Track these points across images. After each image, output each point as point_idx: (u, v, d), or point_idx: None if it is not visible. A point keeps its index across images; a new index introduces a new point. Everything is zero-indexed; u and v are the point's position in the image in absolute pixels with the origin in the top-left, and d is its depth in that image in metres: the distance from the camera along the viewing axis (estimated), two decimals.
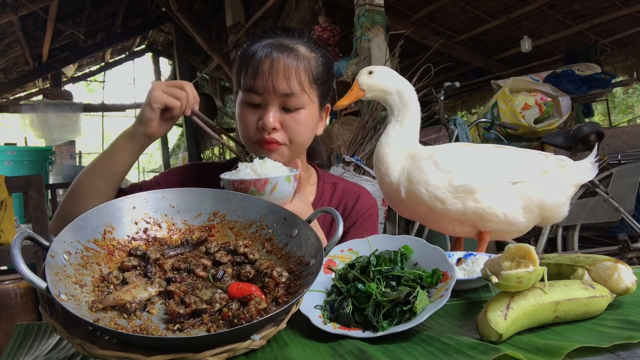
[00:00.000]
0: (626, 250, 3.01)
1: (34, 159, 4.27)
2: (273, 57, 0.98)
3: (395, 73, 1.20)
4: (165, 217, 0.81)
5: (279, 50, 1.00)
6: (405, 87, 1.18)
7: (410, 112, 1.17)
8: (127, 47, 9.02)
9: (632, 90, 10.60)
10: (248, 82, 0.99)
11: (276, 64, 0.98)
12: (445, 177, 1.09)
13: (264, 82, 0.98)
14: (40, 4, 5.31)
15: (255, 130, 1.02)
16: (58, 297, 0.58)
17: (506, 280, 0.63)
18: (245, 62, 1.01)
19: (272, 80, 0.98)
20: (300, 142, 1.06)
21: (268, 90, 0.99)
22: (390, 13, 4.09)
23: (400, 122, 1.17)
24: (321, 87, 1.08)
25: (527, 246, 0.66)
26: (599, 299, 0.67)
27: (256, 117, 1.02)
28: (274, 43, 1.02)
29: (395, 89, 1.17)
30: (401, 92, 1.17)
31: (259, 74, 0.98)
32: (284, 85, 0.99)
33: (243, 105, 1.03)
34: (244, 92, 1.02)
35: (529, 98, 4.03)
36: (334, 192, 1.22)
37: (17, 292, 2.27)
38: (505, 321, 0.60)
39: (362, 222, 1.19)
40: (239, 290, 0.68)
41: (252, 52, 1.01)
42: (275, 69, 0.97)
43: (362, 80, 1.17)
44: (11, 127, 9.97)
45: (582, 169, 1.16)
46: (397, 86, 1.17)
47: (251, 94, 1.00)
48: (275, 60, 0.98)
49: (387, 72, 1.19)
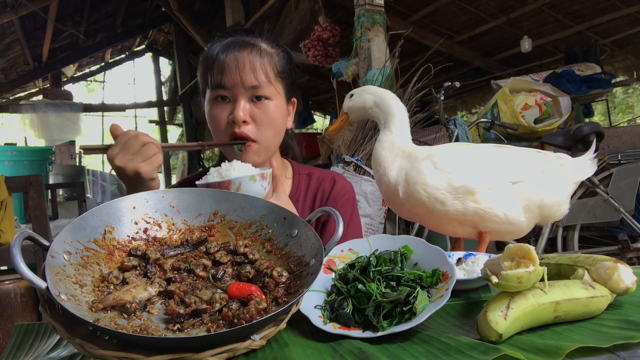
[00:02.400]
0: (626, 250, 3.01)
1: (34, 159, 4.27)
2: (237, 52, 1.01)
3: (372, 88, 1.26)
4: (165, 217, 0.81)
5: (243, 46, 1.02)
6: (382, 96, 1.22)
7: (395, 116, 1.20)
8: (127, 47, 9.02)
9: (632, 90, 10.60)
10: (216, 78, 1.01)
11: (242, 59, 1.00)
12: (444, 178, 1.09)
13: (231, 76, 1.00)
14: (40, 4, 5.31)
15: (226, 125, 1.03)
16: (58, 297, 0.58)
17: (506, 280, 0.63)
18: (210, 61, 1.03)
19: (239, 73, 1.00)
20: (271, 134, 1.07)
21: (236, 83, 1.00)
22: (390, 13, 4.09)
23: (388, 127, 1.21)
24: (285, 80, 1.10)
25: (527, 246, 0.66)
26: (599, 299, 0.67)
27: (226, 112, 1.02)
28: (236, 40, 1.04)
29: (372, 102, 1.22)
30: (378, 102, 1.22)
31: (226, 69, 1.00)
32: (251, 78, 1.01)
33: (212, 103, 1.04)
34: (212, 90, 1.03)
35: (529, 98, 4.03)
36: (310, 182, 1.23)
37: (17, 292, 2.27)
38: (505, 321, 0.60)
39: (342, 206, 1.20)
40: (239, 290, 0.68)
41: (215, 51, 1.03)
42: (241, 62, 1.00)
43: (345, 105, 1.28)
44: (11, 127, 9.97)
45: (581, 166, 1.16)
46: (374, 98, 1.22)
47: (219, 89, 1.02)
48: (240, 55, 1.01)
49: (364, 89, 1.26)
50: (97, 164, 10.98)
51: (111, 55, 8.91)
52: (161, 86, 9.46)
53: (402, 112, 1.21)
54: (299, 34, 4.83)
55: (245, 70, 1.00)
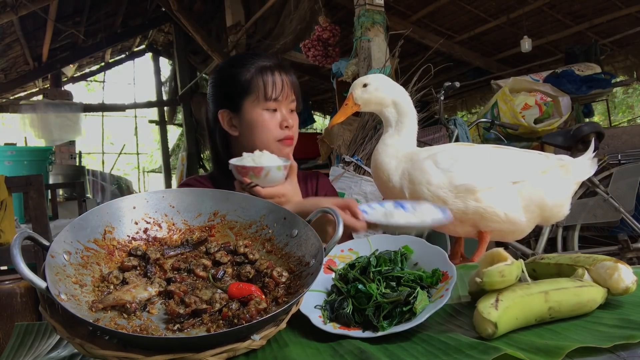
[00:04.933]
0: (626, 250, 3.00)
1: (34, 159, 4.27)
2: (284, 73, 1.24)
3: (389, 81, 1.20)
4: (165, 217, 0.81)
5: (283, 68, 1.25)
6: (401, 96, 1.18)
7: (407, 120, 1.17)
8: (127, 47, 9.02)
9: (632, 90, 10.60)
10: (269, 92, 1.20)
11: (286, 78, 1.23)
12: (446, 177, 1.09)
13: (282, 92, 1.22)
14: (40, 4, 5.31)
15: (278, 131, 1.23)
16: (58, 297, 0.58)
17: (489, 276, 0.66)
18: (257, 76, 1.22)
19: (287, 89, 1.23)
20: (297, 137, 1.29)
21: (286, 97, 1.23)
22: (390, 13, 4.09)
23: (398, 131, 1.18)
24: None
25: (498, 249, 0.71)
26: (589, 288, 0.68)
27: (275, 119, 1.22)
28: (274, 62, 1.25)
29: (391, 101, 1.18)
30: (397, 102, 1.18)
31: (277, 86, 1.21)
32: (291, 94, 1.25)
33: (262, 113, 1.22)
34: (264, 101, 1.21)
35: (529, 98, 4.02)
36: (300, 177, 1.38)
37: (17, 292, 2.27)
38: (497, 311, 0.61)
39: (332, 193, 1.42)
40: (239, 290, 0.68)
41: (260, 68, 1.22)
42: (286, 81, 1.23)
43: (357, 94, 1.20)
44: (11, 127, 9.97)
45: (581, 166, 1.16)
46: (393, 97, 1.18)
47: (270, 102, 1.21)
48: (285, 76, 1.24)
49: (382, 82, 1.19)
50: (97, 164, 10.98)
51: (111, 55, 8.91)
52: (161, 86, 9.46)
53: (415, 115, 1.19)
54: (299, 34, 4.83)
55: (289, 87, 1.24)
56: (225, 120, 1.26)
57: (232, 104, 1.25)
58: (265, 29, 5.31)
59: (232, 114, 1.25)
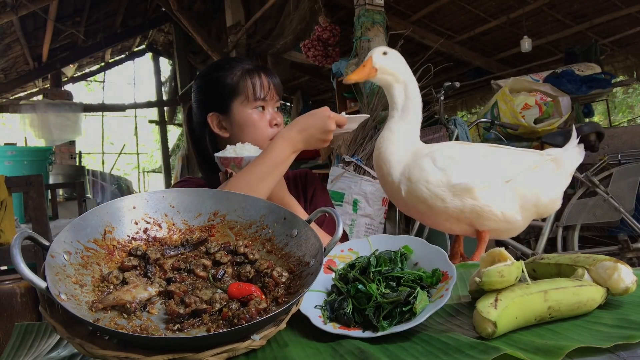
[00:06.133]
0: (626, 250, 3.01)
1: (34, 159, 4.27)
2: (270, 75, 1.30)
3: (404, 60, 1.18)
4: (165, 217, 0.81)
5: (266, 69, 1.32)
6: (411, 80, 1.17)
7: (413, 107, 1.16)
8: (127, 47, 9.02)
9: (632, 90, 10.60)
10: (258, 92, 1.25)
11: (271, 79, 1.30)
12: (444, 175, 1.09)
13: (267, 91, 1.27)
14: (40, 4, 5.31)
15: (268, 129, 1.27)
16: (58, 297, 0.58)
17: (489, 276, 0.65)
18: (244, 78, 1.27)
19: (273, 89, 1.28)
20: None
21: (272, 96, 1.29)
22: (390, 13, 4.10)
23: (403, 117, 1.16)
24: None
25: (499, 249, 0.71)
26: (588, 288, 0.68)
27: (264, 119, 1.27)
28: (258, 65, 1.32)
29: (404, 79, 1.16)
30: (407, 83, 1.16)
31: (265, 86, 1.26)
32: (276, 94, 1.31)
33: (251, 113, 1.26)
34: (253, 101, 1.26)
35: (529, 98, 4.02)
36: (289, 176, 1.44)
37: (17, 292, 2.27)
38: (496, 310, 0.61)
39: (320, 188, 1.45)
40: (239, 290, 0.68)
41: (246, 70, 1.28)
42: (272, 82, 1.29)
43: (377, 58, 1.15)
44: (11, 127, 9.97)
45: (569, 155, 1.16)
46: (406, 76, 1.17)
47: (258, 101, 1.26)
48: (271, 77, 1.30)
49: (399, 57, 1.18)
50: (97, 164, 10.98)
51: (111, 55, 8.91)
52: (161, 86, 9.46)
53: (420, 107, 1.17)
54: (299, 34, 4.83)
55: (273, 88, 1.29)
56: (215, 123, 1.28)
57: (220, 107, 1.27)
58: (265, 29, 5.30)
59: (221, 117, 1.27)
